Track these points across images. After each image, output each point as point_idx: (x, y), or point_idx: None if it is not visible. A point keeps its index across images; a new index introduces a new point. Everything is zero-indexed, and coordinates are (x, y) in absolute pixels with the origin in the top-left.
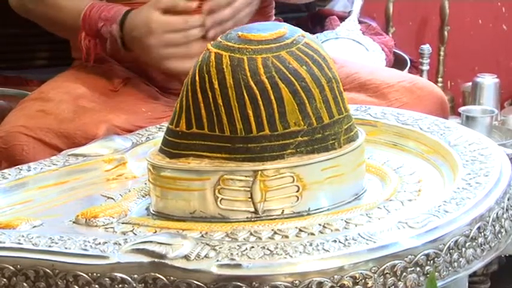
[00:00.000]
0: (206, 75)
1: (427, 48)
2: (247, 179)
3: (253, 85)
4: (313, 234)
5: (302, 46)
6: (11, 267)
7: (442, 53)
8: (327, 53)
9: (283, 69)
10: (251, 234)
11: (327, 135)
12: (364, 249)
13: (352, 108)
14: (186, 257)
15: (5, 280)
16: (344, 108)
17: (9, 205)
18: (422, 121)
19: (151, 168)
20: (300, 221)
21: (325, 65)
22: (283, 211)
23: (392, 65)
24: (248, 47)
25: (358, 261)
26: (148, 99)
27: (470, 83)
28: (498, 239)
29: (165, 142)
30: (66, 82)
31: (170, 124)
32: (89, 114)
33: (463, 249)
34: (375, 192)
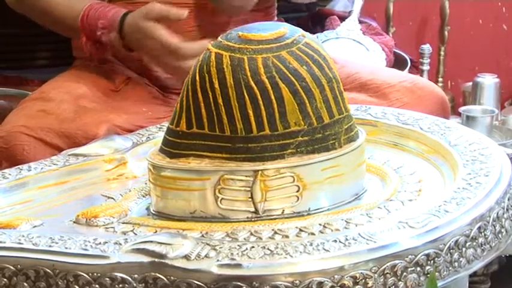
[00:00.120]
0: (206, 75)
1: (427, 48)
2: (248, 178)
3: (254, 85)
4: (313, 234)
5: (302, 46)
6: (12, 267)
7: (442, 53)
8: (327, 53)
9: (284, 69)
10: (251, 234)
11: (327, 135)
12: (365, 249)
13: (353, 108)
14: (187, 257)
15: (5, 280)
16: (344, 108)
17: (9, 205)
18: (423, 121)
19: (151, 168)
20: (300, 221)
21: (325, 65)
22: (283, 211)
23: (393, 65)
24: (248, 47)
25: (358, 261)
26: (149, 99)
27: (470, 83)
28: (498, 238)
29: (166, 142)
30: (67, 82)
31: (170, 124)
32: (89, 114)
33: (464, 249)
34: (375, 192)
